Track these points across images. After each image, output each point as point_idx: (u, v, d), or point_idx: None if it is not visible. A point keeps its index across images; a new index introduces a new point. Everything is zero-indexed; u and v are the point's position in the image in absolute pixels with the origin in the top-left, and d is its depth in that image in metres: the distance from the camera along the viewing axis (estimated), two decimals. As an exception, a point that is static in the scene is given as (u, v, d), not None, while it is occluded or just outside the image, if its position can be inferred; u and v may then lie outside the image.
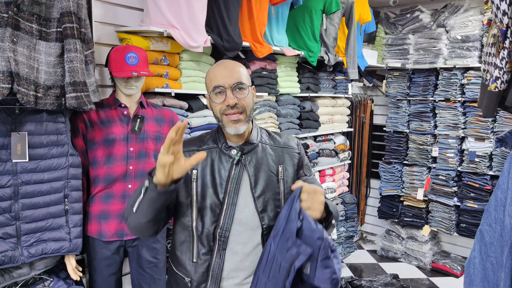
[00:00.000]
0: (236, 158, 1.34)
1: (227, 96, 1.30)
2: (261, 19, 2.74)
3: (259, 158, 1.38)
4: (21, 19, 1.50)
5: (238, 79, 1.31)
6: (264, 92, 2.92)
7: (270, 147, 1.43)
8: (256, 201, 1.34)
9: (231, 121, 1.31)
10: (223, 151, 1.36)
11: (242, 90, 1.32)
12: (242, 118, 1.32)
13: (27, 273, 1.73)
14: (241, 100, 1.31)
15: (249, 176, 1.35)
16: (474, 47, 3.73)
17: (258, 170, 1.37)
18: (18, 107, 1.62)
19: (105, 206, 1.90)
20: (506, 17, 1.15)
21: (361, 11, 3.55)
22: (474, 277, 1.13)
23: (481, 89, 1.39)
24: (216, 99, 1.32)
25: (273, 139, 1.46)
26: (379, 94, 4.71)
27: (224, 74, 1.31)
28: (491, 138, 3.69)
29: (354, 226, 4.05)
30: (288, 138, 1.50)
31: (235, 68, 1.34)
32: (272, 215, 1.36)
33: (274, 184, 1.38)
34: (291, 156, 1.44)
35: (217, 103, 1.31)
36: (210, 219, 1.32)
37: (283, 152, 1.44)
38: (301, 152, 1.48)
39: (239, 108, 1.31)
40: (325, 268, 1.14)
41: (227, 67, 1.34)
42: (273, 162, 1.40)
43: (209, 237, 1.32)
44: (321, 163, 3.63)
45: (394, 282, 3.42)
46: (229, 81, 1.30)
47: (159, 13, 2.14)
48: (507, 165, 1.07)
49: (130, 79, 1.90)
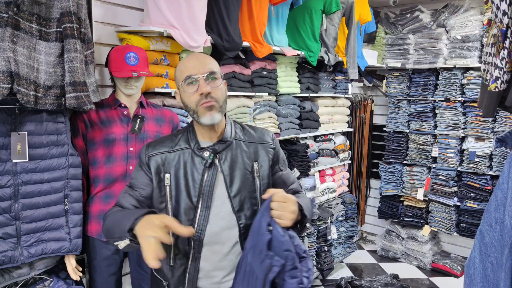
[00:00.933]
0: (209, 161, 1.32)
1: (200, 85, 1.27)
2: (261, 19, 2.74)
3: (234, 156, 1.35)
4: (21, 19, 1.50)
5: (210, 69, 1.29)
6: (264, 92, 2.92)
7: (244, 143, 1.40)
8: (232, 200, 1.33)
9: (206, 107, 1.27)
10: (196, 152, 1.33)
11: (215, 80, 1.29)
12: (215, 105, 1.28)
13: (27, 273, 1.73)
14: (214, 89, 1.28)
15: (224, 176, 1.33)
16: (474, 47, 3.72)
17: (233, 169, 1.34)
18: (18, 107, 1.61)
19: (105, 206, 1.90)
20: (506, 17, 1.15)
21: (361, 11, 3.55)
22: (474, 277, 1.13)
23: (481, 89, 1.39)
24: (188, 88, 1.28)
25: (248, 133, 1.43)
26: (379, 94, 4.71)
27: (196, 64, 1.29)
28: (491, 138, 3.69)
29: (354, 226, 4.05)
30: (263, 132, 1.46)
31: (206, 60, 1.32)
32: (249, 214, 1.34)
33: (250, 182, 1.36)
34: (266, 152, 1.41)
35: (189, 92, 1.28)
36: (185, 223, 1.30)
37: (258, 147, 1.41)
38: (276, 147, 1.45)
39: (213, 97, 1.28)
40: (292, 278, 1.14)
41: (198, 58, 1.32)
42: (248, 159, 1.37)
43: (184, 241, 1.31)
44: (321, 163, 3.62)
45: (394, 282, 3.42)
46: (201, 70, 1.27)
47: (159, 13, 2.14)
48: (507, 165, 1.07)
49: (130, 79, 1.90)
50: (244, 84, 2.77)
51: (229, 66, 2.65)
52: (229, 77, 2.65)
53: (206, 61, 1.30)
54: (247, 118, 2.80)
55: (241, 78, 2.72)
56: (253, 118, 2.86)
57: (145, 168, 1.36)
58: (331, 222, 3.67)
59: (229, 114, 2.65)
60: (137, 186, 1.36)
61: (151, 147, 1.37)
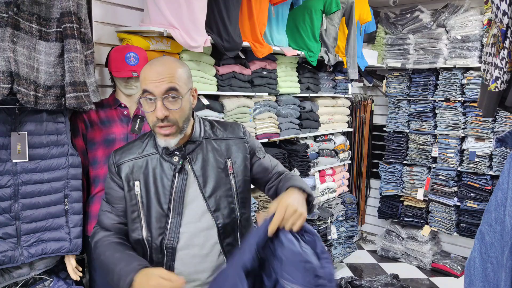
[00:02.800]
0: (178, 166, 1.28)
1: (157, 108, 1.17)
2: (261, 19, 2.74)
3: (205, 155, 1.31)
4: (21, 19, 1.50)
5: (171, 85, 1.17)
6: (264, 92, 2.92)
7: (214, 141, 1.35)
8: (207, 201, 1.29)
9: (161, 134, 1.22)
10: (164, 158, 1.29)
11: (175, 100, 1.18)
12: (173, 131, 1.22)
13: (27, 273, 1.73)
14: (173, 112, 1.19)
15: (196, 177, 1.29)
16: (474, 47, 3.72)
17: (206, 169, 1.30)
18: (18, 107, 1.61)
19: (105, 206, 1.90)
20: (506, 17, 1.15)
21: (361, 11, 3.55)
22: (475, 277, 1.13)
23: (481, 89, 1.39)
24: (146, 106, 1.20)
25: (217, 131, 1.38)
26: (379, 94, 4.71)
27: (155, 78, 1.17)
28: (491, 138, 3.69)
29: (354, 226, 4.04)
30: (233, 127, 1.41)
31: (169, 71, 1.18)
32: (226, 213, 1.31)
33: (224, 180, 1.32)
34: (239, 147, 1.37)
35: (147, 112, 1.21)
36: (157, 231, 1.28)
37: (230, 144, 1.36)
38: (248, 140, 1.40)
39: (170, 121, 1.19)
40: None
41: (160, 71, 1.17)
42: (220, 157, 1.33)
43: (157, 250, 1.29)
44: (321, 163, 3.62)
45: (394, 282, 3.42)
46: (160, 87, 1.16)
47: (159, 13, 2.14)
48: (507, 165, 1.07)
49: (130, 79, 1.90)
50: (244, 84, 2.77)
51: (229, 66, 2.65)
52: (229, 77, 2.65)
53: (169, 75, 1.18)
54: (247, 118, 2.80)
55: (241, 78, 2.72)
56: (253, 118, 2.86)
57: (116, 178, 1.32)
58: (331, 222, 3.67)
59: (229, 114, 2.65)
60: (113, 202, 1.34)
61: (118, 155, 1.34)
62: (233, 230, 1.35)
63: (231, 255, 1.30)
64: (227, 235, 1.33)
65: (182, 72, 1.23)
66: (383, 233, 4.43)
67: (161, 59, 1.25)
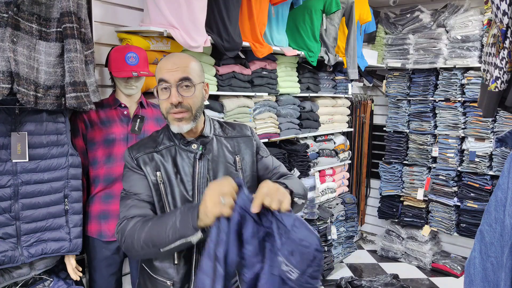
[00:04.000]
0: (199, 153, 1.31)
1: (171, 94, 1.24)
2: (261, 19, 2.74)
3: (215, 151, 1.35)
4: (21, 19, 1.50)
5: (185, 74, 1.24)
6: (264, 92, 2.92)
7: (224, 138, 1.40)
8: None
9: (175, 119, 1.26)
10: (182, 147, 1.32)
11: (189, 88, 1.25)
12: (186, 116, 1.26)
13: (27, 273, 1.73)
14: (187, 98, 1.25)
15: (207, 170, 1.32)
16: (474, 47, 3.72)
17: (216, 163, 1.34)
18: (18, 107, 1.61)
19: (105, 206, 1.90)
20: (506, 17, 1.15)
21: (361, 11, 3.55)
22: (475, 277, 1.13)
23: (481, 89, 1.39)
24: (161, 94, 1.26)
25: (226, 130, 1.43)
26: (379, 94, 4.71)
27: (171, 68, 1.24)
28: (491, 138, 3.69)
29: (354, 226, 4.05)
30: (241, 127, 1.47)
31: (184, 62, 1.26)
32: None
33: (233, 175, 1.35)
34: (247, 145, 1.42)
35: (161, 99, 1.26)
36: None
37: (239, 141, 1.41)
38: (255, 138, 1.47)
39: (184, 107, 1.25)
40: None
41: (175, 62, 1.26)
42: (230, 153, 1.38)
43: None
44: (321, 163, 3.62)
45: (394, 282, 3.43)
46: (175, 76, 1.23)
47: (159, 13, 2.14)
48: (507, 165, 1.07)
49: (130, 79, 1.90)
50: (244, 84, 2.77)
51: (229, 66, 2.65)
52: (229, 77, 2.65)
53: (183, 65, 1.25)
54: (247, 118, 2.80)
55: (241, 78, 2.72)
56: (253, 118, 2.86)
57: (137, 170, 1.32)
58: (331, 222, 3.67)
59: (229, 114, 2.65)
60: (138, 192, 1.30)
61: (134, 150, 1.34)
62: None
63: None
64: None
65: (196, 65, 1.30)
66: (383, 233, 4.43)
67: (176, 53, 1.34)
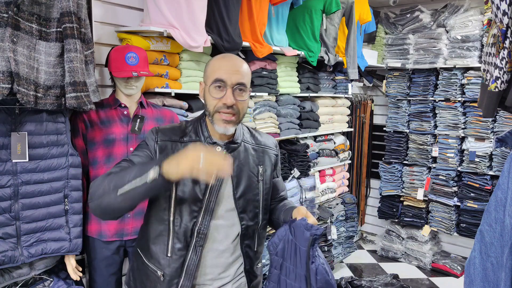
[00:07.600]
0: None
1: (226, 95, 1.24)
2: (261, 19, 2.74)
3: (242, 158, 1.35)
4: (21, 19, 1.50)
5: (241, 79, 1.26)
6: (264, 92, 2.91)
7: (252, 146, 1.40)
8: (236, 201, 1.33)
9: (223, 120, 1.26)
10: (206, 146, 1.31)
11: (242, 93, 1.27)
12: (234, 119, 1.27)
13: (27, 273, 1.73)
14: (239, 102, 1.26)
15: (231, 176, 1.32)
16: (474, 47, 3.72)
17: (241, 171, 1.34)
18: (18, 107, 1.61)
19: (105, 206, 1.90)
20: (506, 17, 1.15)
21: (361, 11, 3.55)
22: (475, 277, 1.13)
23: (481, 89, 1.39)
24: (214, 93, 1.26)
25: (255, 137, 1.44)
26: (379, 94, 4.71)
27: (229, 70, 1.25)
28: (491, 138, 3.69)
29: (354, 226, 4.04)
30: (268, 138, 1.48)
31: (241, 67, 1.28)
32: (251, 216, 1.36)
33: (255, 185, 1.37)
34: (270, 157, 1.44)
35: (215, 97, 1.26)
36: (189, 215, 1.28)
37: (264, 152, 1.42)
38: (278, 154, 1.49)
39: (235, 110, 1.26)
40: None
41: (234, 64, 1.27)
42: (254, 163, 1.38)
43: (187, 233, 1.29)
44: (321, 163, 3.62)
45: (394, 282, 3.42)
46: (233, 78, 1.24)
47: (159, 13, 2.14)
48: (507, 165, 1.07)
49: (130, 79, 1.90)
50: (244, 84, 2.76)
51: (229, 66, 2.64)
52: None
53: (241, 70, 1.27)
54: (247, 118, 2.80)
55: (241, 78, 2.72)
56: (253, 118, 2.86)
57: (149, 152, 1.30)
58: (331, 222, 3.67)
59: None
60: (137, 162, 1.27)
61: (161, 133, 1.32)
62: (253, 233, 1.39)
63: (247, 256, 1.37)
64: (248, 237, 1.37)
65: (248, 70, 1.31)
66: (383, 233, 4.43)
67: (231, 56, 1.32)
